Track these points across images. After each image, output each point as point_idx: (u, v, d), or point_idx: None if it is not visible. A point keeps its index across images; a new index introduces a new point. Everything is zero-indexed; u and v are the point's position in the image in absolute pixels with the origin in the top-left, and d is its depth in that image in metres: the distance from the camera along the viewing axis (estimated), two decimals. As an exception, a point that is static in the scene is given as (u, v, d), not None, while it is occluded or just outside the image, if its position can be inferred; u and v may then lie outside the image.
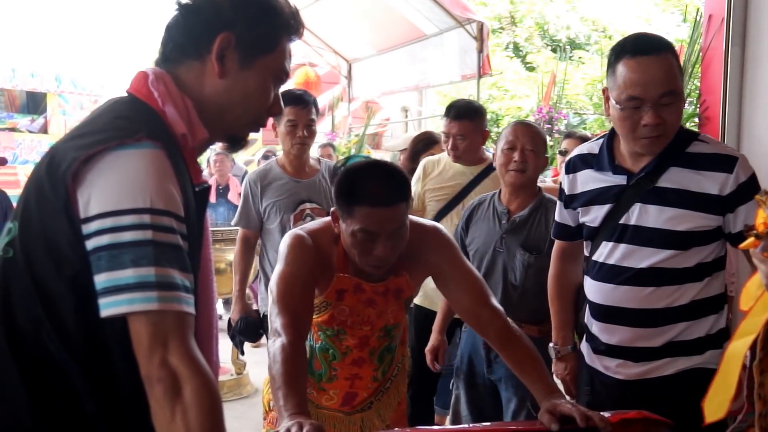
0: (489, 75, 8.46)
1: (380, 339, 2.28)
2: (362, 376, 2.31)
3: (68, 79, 10.27)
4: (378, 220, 2.00)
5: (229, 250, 5.64)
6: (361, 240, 2.03)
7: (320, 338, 2.28)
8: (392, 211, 2.01)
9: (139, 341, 1.22)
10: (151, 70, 1.40)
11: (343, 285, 2.18)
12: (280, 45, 1.46)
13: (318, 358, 2.29)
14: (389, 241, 2.03)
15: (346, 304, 2.20)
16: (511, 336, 2.15)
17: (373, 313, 2.22)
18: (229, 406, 5.40)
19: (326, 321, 2.22)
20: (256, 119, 1.49)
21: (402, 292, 2.24)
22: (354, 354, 2.27)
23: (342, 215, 2.06)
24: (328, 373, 2.29)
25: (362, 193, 2.00)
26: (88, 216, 1.21)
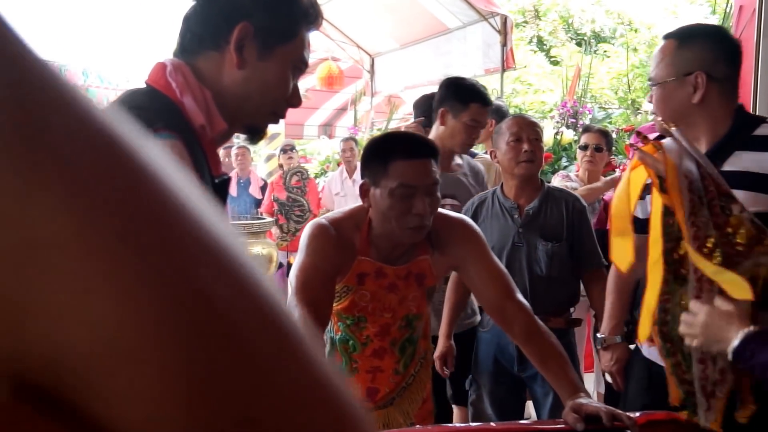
0: (513, 69, 8.42)
1: (401, 329, 2.28)
2: (383, 368, 2.30)
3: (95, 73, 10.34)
4: (415, 172, 2.04)
5: (251, 243, 5.66)
6: (399, 198, 2.04)
7: (340, 329, 2.28)
8: (426, 164, 2.06)
9: None
10: (169, 61, 1.39)
11: (364, 269, 2.18)
12: (299, 34, 1.44)
13: (338, 349, 2.30)
14: (427, 197, 2.05)
15: (367, 289, 2.20)
16: (536, 331, 2.12)
17: (394, 300, 2.22)
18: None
19: (346, 308, 2.23)
20: (275, 110, 1.48)
21: (424, 278, 2.24)
22: (375, 344, 2.27)
23: (375, 180, 2.09)
24: (349, 366, 2.29)
25: (396, 148, 2.08)
26: None
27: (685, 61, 2.07)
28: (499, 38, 7.80)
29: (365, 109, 11.51)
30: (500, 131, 3.07)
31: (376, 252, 2.19)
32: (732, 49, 2.13)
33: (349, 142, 7.65)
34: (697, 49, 2.08)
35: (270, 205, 7.26)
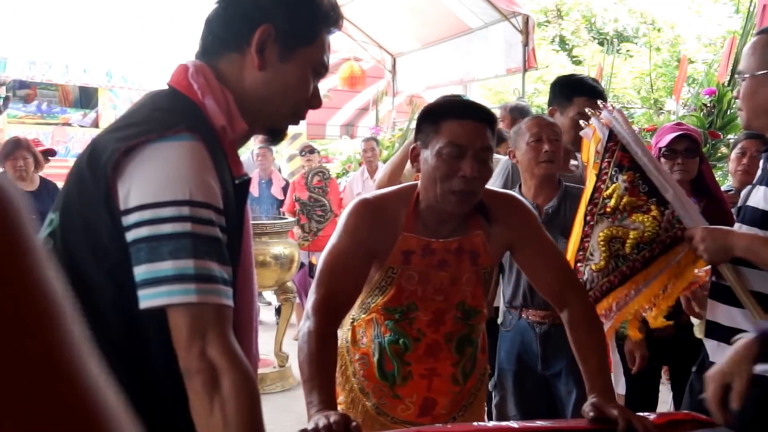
0: (534, 69, 8.40)
1: (457, 321, 2.13)
2: (440, 371, 2.15)
3: (119, 74, 10.41)
4: (466, 132, 1.95)
5: (273, 243, 5.69)
6: (446, 158, 1.95)
7: (388, 328, 2.13)
8: (479, 126, 1.97)
9: (178, 333, 1.22)
10: (191, 63, 1.41)
11: (409, 245, 2.05)
12: (320, 37, 1.46)
13: (388, 354, 2.14)
14: (476, 161, 1.95)
15: (414, 269, 2.07)
16: (590, 321, 2.07)
17: (445, 279, 2.08)
18: (272, 398, 5.45)
19: (393, 298, 2.09)
20: (296, 112, 1.49)
21: (478, 257, 2.09)
22: (428, 338, 2.12)
23: (426, 142, 2.01)
24: (402, 371, 2.14)
25: (450, 108, 2.02)
26: (128, 208, 1.23)
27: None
28: (521, 38, 7.79)
29: (387, 109, 11.52)
30: (520, 131, 3.07)
31: (423, 227, 2.07)
32: None
33: (370, 142, 7.67)
34: None
35: (292, 205, 7.29)
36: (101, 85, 10.39)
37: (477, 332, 2.20)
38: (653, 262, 2.34)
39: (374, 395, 2.17)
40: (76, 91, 10.76)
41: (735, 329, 2.03)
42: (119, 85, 10.52)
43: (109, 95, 10.52)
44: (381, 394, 2.15)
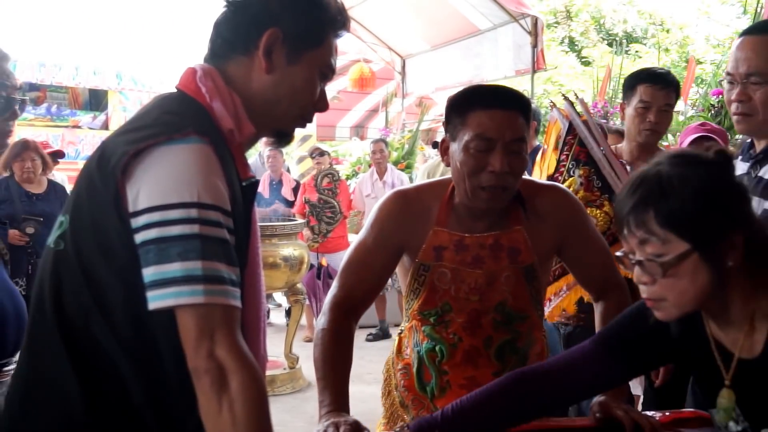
0: (543, 70, 8.41)
1: (498, 326, 1.97)
2: (480, 381, 1.91)
3: (128, 76, 10.46)
4: (494, 123, 1.80)
5: (282, 245, 5.71)
6: (474, 152, 1.81)
7: (425, 335, 2.01)
8: (510, 116, 1.82)
9: (186, 334, 1.23)
10: (199, 66, 1.42)
11: (441, 241, 1.95)
12: (327, 40, 1.46)
13: (426, 364, 2.02)
14: (506, 154, 1.80)
15: (446, 265, 1.95)
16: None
17: (481, 278, 1.94)
18: (282, 399, 5.47)
19: (426, 300, 1.98)
20: (303, 114, 1.50)
21: (519, 254, 1.94)
22: (465, 344, 1.97)
23: (454, 133, 1.87)
24: (440, 381, 2.00)
25: (478, 97, 1.86)
26: (137, 210, 1.24)
27: None
28: (530, 39, 7.79)
29: (396, 111, 11.54)
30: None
31: (456, 222, 1.95)
32: None
33: (379, 143, 7.68)
34: None
35: (302, 206, 7.31)
36: (111, 88, 10.44)
37: (525, 340, 2.01)
38: None
39: (413, 408, 2.06)
40: (86, 93, 10.81)
41: None
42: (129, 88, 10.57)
43: (119, 97, 10.56)
44: (420, 407, 2.05)
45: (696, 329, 1.52)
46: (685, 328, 1.53)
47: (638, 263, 1.37)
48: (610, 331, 1.64)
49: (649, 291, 1.38)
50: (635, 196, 1.36)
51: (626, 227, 1.37)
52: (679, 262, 1.32)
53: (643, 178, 1.37)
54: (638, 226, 1.35)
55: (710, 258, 1.33)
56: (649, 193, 1.34)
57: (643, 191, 1.35)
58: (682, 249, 1.32)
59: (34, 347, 1.37)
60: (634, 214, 1.35)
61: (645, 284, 1.38)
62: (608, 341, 1.61)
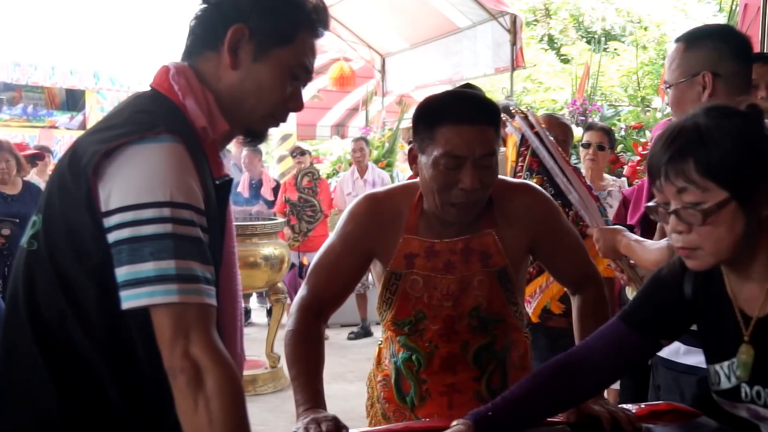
0: (522, 68, 8.43)
1: (475, 331, 1.94)
2: (460, 388, 1.94)
3: (106, 75, 10.39)
4: (463, 141, 1.74)
5: (263, 244, 5.70)
6: (444, 169, 1.75)
7: (401, 345, 1.98)
8: (479, 131, 1.76)
9: (161, 333, 1.23)
10: (172, 64, 1.42)
11: (411, 248, 1.91)
12: (298, 38, 1.44)
13: (405, 374, 1.99)
14: (477, 170, 1.75)
15: (418, 272, 1.91)
16: (599, 311, 2.02)
17: (453, 283, 1.90)
18: (264, 399, 5.46)
19: (400, 309, 1.95)
20: (273, 113, 1.48)
21: (490, 257, 1.91)
22: (441, 351, 1.94)
23: (422, 146, 1.80)
24: (419, 390, 1.97)
25: (446, 111, 1.77)
26: (109, 209, 1.23)
27: (692, 62, 2.12)
28: (509, 37, 7.81)
29: (377, 110, 11.54)
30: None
31: (426, 228, 1.91)
32: (738, 45, 2.17)
33: (359, 142, 7.68)
34: (703, 49, 2.12)
35: (282, 205, 7.30)
36: (88, 87, 10.37)
37: (503, 343, 1.98)
38: None
39: (395, 419, 2.03)
40: (63, 93, 10.74)
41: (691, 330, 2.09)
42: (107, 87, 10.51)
43: (96, 97, 10.50)
44: (402, 417, 2.01)
45: (715, 288, 1.55)
46: (703, 287, 1.57)
47: (674, 212, 1.40)
48: (630, 306, 1.68)
49: (684, 240, 1.42)
50: (674, 146, 1.39)
51: (663, 177, 1.41)
52: (718, 210, 1.36)
53: (681, 129, 1.41)
54: (677, 176, 1.38)
55: (747, 207, 1.37)
56: (689, 143, 1.38)
57: (683, 141, 1.39)
58: (721, 197, 1.36)
59: (8, 348, 1.35)
60: (673, 164, 1.38)
61: (680, 233, 1.41)
62: (630, 317, 1.65)
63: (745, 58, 2.17)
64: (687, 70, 2.12)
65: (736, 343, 1.50)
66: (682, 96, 2.14)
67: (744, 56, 2.17)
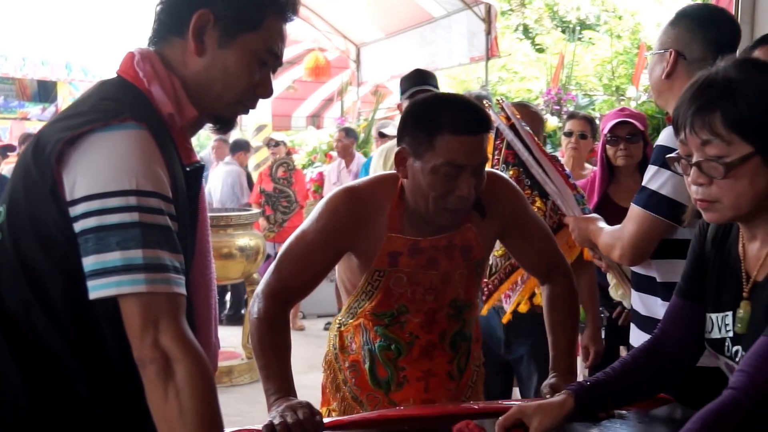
0: (497, 57, 8.45)
1: (451, 319, 2.01)
2: (436, 371, 2.02)
3: (78, 66, 10.27)
4: (465, 151, 1.78)
5: (238, 235, 5.68)
6: (443, 177, 1.78)
7: (378, 334, 2.00)
8: (479, 141, 1.81)
9: (130, 323, 1.22)
10: (138, 50, 1.40)
11: (395, 246, 1.91)
12: (265, 24, 1.42)
13: (381, 361, 2.01)
14: (473, 177, 1.81)
15: (402, 270, 1.93)
16: (568, 300, 2.07)
17: (436, 278, 1.95)
18: (241, 390, 5.45)
19: (381, 302, 1.96)
20: (241, 100, 1.46)
21: (470, 251, 1.97)
22: (422, 341, 1.99)
23: (417, 152, 1.81)
24: (396, 377, 2.01)
25: (447, 121, 1.78)
26: (75, 198, 1.22)
27: (667, 37, 2.14)
28: (484, 27, 7.81)
29: (352, 100, 11.51)
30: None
31: (409, 226, 1.92)
32: (717, 34, 2.14)
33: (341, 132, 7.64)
34: (679, 28, 2.13)
35: (257, 196, 7.27)
36: (60, 79, 10.26)
37: (470, 325, 2.10)
38: None
39: (369, 404, 2.05)
40: (35, 84, 10.63)
41: (651, 318, 2.13)
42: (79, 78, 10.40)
43: (69, 88, 10.39)
44: (376, 402, 2.04)
45: (729, 243, 1.58)
46: (719, 241, 1.60)
47: (696, 164, 1.41)
48: (680, 281, 1.70)
49: (704, 192, 1.43)
50: (702, 98, 1.39)
51: (688, 128, 1.41)
52: (741, 164, 1.37)
53: (710, 81, 1.41)
54: (702, 127, 1.38)
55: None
56: (718, 95, 1.38)
57: (711, 93, 1.39)
58: (745, 151, 1.36)
59: None
60: (699, 116, 1.39)
61: (701, 185, 1.42)
62: (682, 291, 1.68)
63: (719, 48, 2.17)
64: (662, 43, 2.14)
65: (735, 299, 1.53)
66: (653, 67, 2.18)
67: (717, 46, 2.17)
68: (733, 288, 1.54)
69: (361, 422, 1.81)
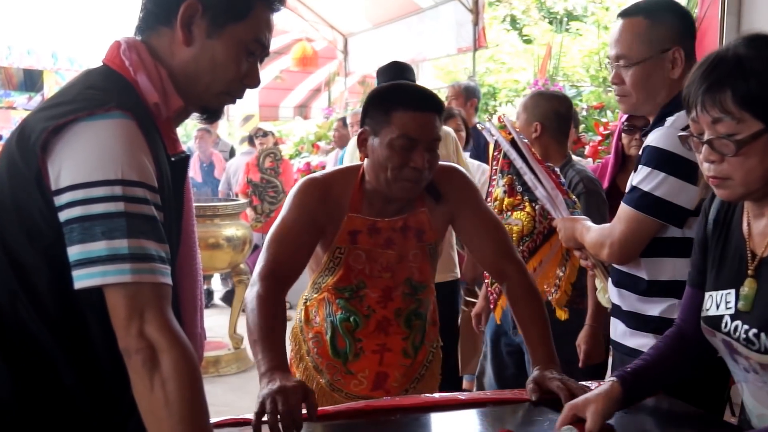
0: (485, 48, 8.43)
1: (406, 297, 2.17)
2: (391, 346, 2.19)
3: (65, 56, 10.20)
4: (418, 124, 1.98)
5: (225, 225, 5.67)
6: (398, 149, 1.97)
7: (339, 307, 2.17)
8: (431, 117, 2.00)
9: (115, 313, 1.22)
10: (124, 40, 1.39)
11: (355, 226, 2.10)
12: (253, 14, 1.42)
13: (341, 332, 2.18)
14: (426, 152, 1.99)
15: (361, 248, 2.11)
16: (528, 293, 2.12)
17: (392, 257, 2.13)
18: (227, 380, 5.45)
19: (343, 277, 2.13)
20: (229, 90, 1.46)
21: (423, 233, 2.14)
22: (378, 315, 2.16)
23: (376, 129, 2.02)
24: (354, 348, 2.18)
25: (402, 98, 2.01)
26: (60, 188, 1.21)
27: (660, 37, 2.05)
28: (471, 17, 7.80)
29: (339, 90, 11.49)
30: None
31: (368, 207, 2.11)
32: (692, 21, 2.15)
33: (339, 121, 7.65)
34: (667, 24, 2.06)
35: (244, 186, 7.25)
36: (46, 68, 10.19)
37: (425, 306, 2.23)
38: (538, 251, 2.72)
39: (328, 372, 2.21)
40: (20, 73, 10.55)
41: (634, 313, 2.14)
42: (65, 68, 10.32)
43: (55, 78, 10.32)
44: (334, 371, 2.20)
45: (733, 220, 1.60)
46: (723, 217, 1.62)
47: (708, 142, 1.43)
48: (690, 270, 1.73)
49: (716, 169, 1.44)
50: (712, 76, 1.40)
51: (699, 107, 1.42)
52: (752, 141, 1.38)
53: (720, 59, 1.42)
54: (713, 105, 1.40)
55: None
56: (728, 73, 1.39)
57: (721, 71, 1.40)
58: (756, 128, 1.38)
59: None
60: (710, 94, 1.40)
61: (712, 162, 1.44)
62: (693, 280, 1.72)
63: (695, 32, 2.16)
64: (655, 45, 2.04)
65: (737, 277, 1.54)
66: (650, 74, 2.06)
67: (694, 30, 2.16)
68: (736, 266, 1.56)
69: (348, 412, 1.82)
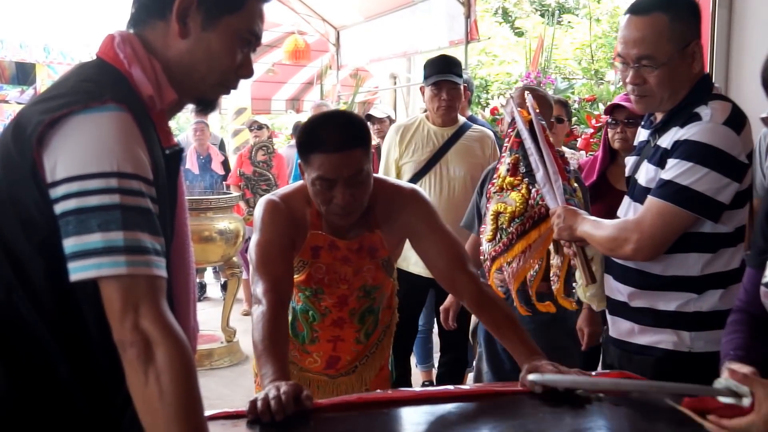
0: (477, 41, 8.42)
1: (360, 299, 2.31)
2: (344, 338, 2.35)
3: (57, 49, 10.13)
4: (333, 166, 2.03)
5: (218, 218, 5.66)
6: (320, 188, 2.06)
7: (300, 299, 2.31)
8: (347, 156, 2.03)
9: (110, 306, 1.22)
10: (118, 33, 1.40)
11: (317, 242, 2.21)
12: (247, 5, 1.43)
13: (300, 319, 2.34)
14: (348, 188, 2.05)
15: (322, 261, 2.23)
16: (486, 300, 2.17)
17: (349, 271, 2.25)
18: (220, 373, 5.46)
19: (304, 280, 2.25)
20: (224, 82, 1.47)
21: (376, 251, 2.27)
22: (333, 315, 2.31)
23: (304, 167, 2.11)
24: (310, 335, 2.34)
25: (317, 140, 2.06)
26: (55, 180, 1.21)
27: (683, 33, 2.02)
28: (463, 10, 7.79)
29: (332, 83, 11.46)
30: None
31: (327, 225, 2.21)
32: (699, 6, 2.11)
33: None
34: (685, 18, 2.03)
35: (237, 179, 7.24)
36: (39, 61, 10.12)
37: (379, 300, 2.37)
38: (526, 234, 2.70)
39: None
40: (13, 67, 10.49)
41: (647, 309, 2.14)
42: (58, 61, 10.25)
43: (47, 71, 10.26)
44: (292, 347, 2.32)
45: None
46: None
47: None
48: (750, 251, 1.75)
49: None
50: None
51: None
52: None
53: None
54: None
55: None
56: None
57: None
58: None
59: None
60: None
61: None
62: (753, 260, 1.74)
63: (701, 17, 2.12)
64: (678, 42, 2.01)
65: None
66: (674, 72, 2.03)
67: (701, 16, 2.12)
68: None
69: (341, 405, 1.83)
